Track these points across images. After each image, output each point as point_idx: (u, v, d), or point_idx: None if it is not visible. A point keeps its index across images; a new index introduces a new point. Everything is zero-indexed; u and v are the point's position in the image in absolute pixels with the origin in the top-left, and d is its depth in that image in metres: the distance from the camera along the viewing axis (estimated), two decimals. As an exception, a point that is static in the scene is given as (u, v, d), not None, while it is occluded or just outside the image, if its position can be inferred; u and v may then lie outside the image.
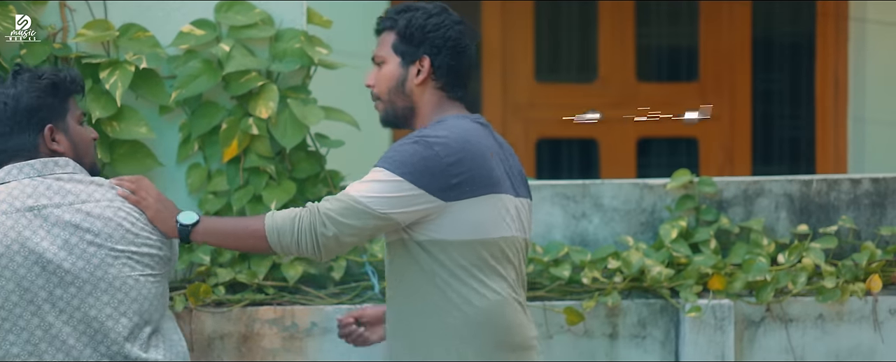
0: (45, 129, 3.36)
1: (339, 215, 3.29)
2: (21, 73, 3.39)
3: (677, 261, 4.40)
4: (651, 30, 7.54)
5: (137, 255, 3.33)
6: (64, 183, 3.33)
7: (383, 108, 3.52)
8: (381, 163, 3.33)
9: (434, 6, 3.51)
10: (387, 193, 3.29)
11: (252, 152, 4.26)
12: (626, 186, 4.53)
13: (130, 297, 3.32)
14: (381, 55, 3.51)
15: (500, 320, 3.38)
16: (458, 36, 3.47)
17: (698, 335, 4.30)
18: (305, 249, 3.30)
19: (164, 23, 4.24)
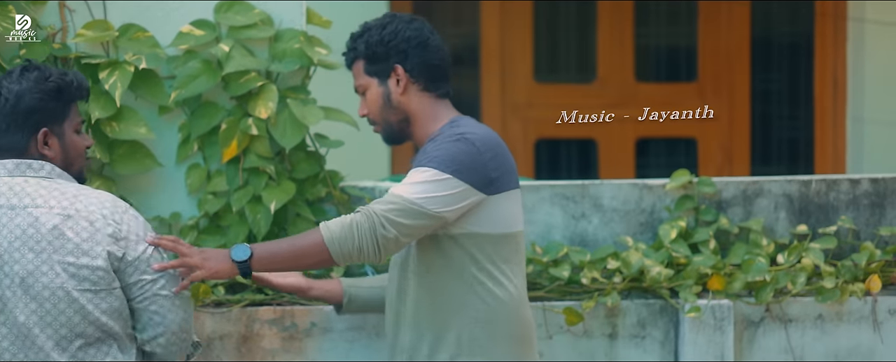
0: (39, 133, 3.35)
1: (398, 216, 3.34)
2: (29, 71, 3.36)
3: (677, 261, 4.40)
4: (650, 30, 7.54)
5: (74, 267, 3.30)
6: (27, 185, 3.33)
7: (382, 129, 3.62)
8: (428, 163, 3.39)
9: (382, 18, 3.61)
10: (439, 192, 3.36)
11: (251, 152, 4.25)
12: (625, 187, 4.53)
13: (59, 309, 3.31)
14: (361, 84, 3.61)
15: (518, 312, 3.50)
16: (416, 33, 3.56)
17: (698, 335, 4.31)
18: (367, 254, 3.35)
19: (164, 23, 4.24)
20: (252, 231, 4.24)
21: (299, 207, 4.32)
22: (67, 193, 3.33)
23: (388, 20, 3.60)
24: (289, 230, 4.33)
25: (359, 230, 3.35)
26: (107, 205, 3.33)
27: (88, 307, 3.30)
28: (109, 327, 3.32)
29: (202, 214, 4.27)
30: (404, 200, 3.36)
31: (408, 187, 3.38)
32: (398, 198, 3.37)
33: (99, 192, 3.37)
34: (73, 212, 3.30)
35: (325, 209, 4.38)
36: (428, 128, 3.57)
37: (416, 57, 3.55)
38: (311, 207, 4.35)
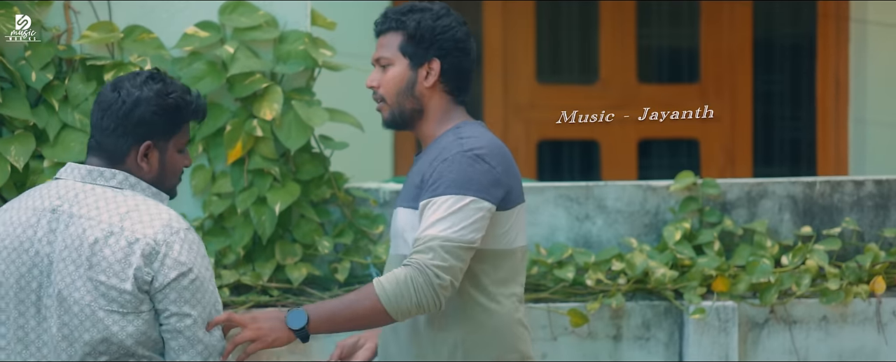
0: (142, 145, 3.25)
1: (446, 261, 3.21)
2: (154, 81, 3.25)
3: (681, 262, 4.40)
4: (652, 31, 7.54)
5: (105, 287, 3.23)
6: (92, 194, 3.27)
7: (389, 111, 3.44)
8: (448, 191, 3.26)
9: (440, 7, 3.45)
10: (469, 219, 3.24)
11: (256, 154, 4.26)
12: (629, 188, 4.53)
13: (85, 327, 3.27)
14: (387, 57, 3.43)
15: (512, 329, 3.36)
16: (464, 38, 3.42)
17: (702, 337, 4.31)
18: (427, 306, 3.23)
19: (169, 24, 4.24)
20: (257, 232, 4.24)
21: (304, 208, 4.32)
22: (123, 207, 3.23)
23: (446, 12, 3.42)
24: (293, 232, 4.33)
25: (415, 285, 3.21)
26: (156, 224, 3.18)
27: (113, 328, 3.23)
28: (134, 350, 3.25)
29: (207, 215, 4.27)
30: (444, 240, 3.22)
31: (440, 225, 3.23)
32: (437, 240, 3.22)
33: (160, 209, 3.21)
34: (117, 228, 3.21)
35: (330, 210, 4.38)
36: (434, 129, 3.45)
37: (455, 59, 3.40)
38: (316, 208, 4.35)
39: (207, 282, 3.20)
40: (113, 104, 3.24)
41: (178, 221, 3.21)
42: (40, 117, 4.13)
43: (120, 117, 3.24)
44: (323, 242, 4.29)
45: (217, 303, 3.23)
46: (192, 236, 3.20)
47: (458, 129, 3.42)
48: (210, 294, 3.20)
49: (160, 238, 3.16)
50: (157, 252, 3.16)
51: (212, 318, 3.20)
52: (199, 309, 3.18)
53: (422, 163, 3.42)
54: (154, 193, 3.27)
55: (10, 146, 4.07)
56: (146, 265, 3.16)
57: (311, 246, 4.31)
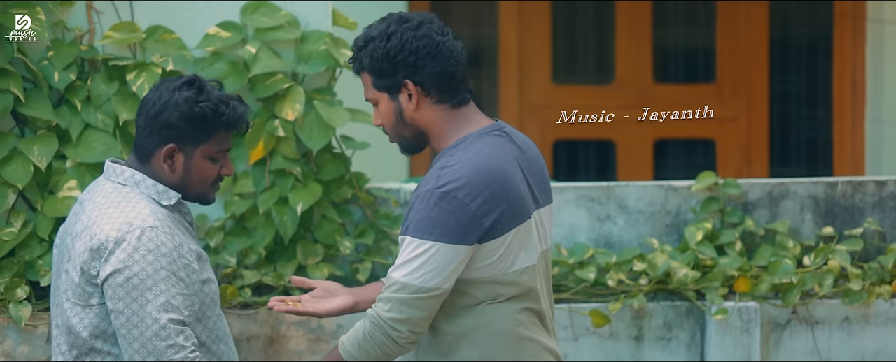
0: (166, 147, 3.30)
1: (402, 314, 3.11)
2: (189, 87, 3.28)
3: (703, 263, 4.39)
4: (668, 31, 7.53)
5: (67, 278, 3.31)
6: (100, 189, 3.34)
7: (397, 142, 3.32)
8: (411, 232, 3.11)
9: (388, 23, 3.23)
10: (430, 266, 3.09)
11: (278, 154, 4.26)
12: (650, 188, 4.52)
13: (60, 317, 3.35)
14: (371, 97, 3.29)
15: (518, 344, 3.23)
16: (425, 42, 3.19)
17: (724, 337, 4.30)
18: (393, 354, 3.16)
19: (191, 25, 4.24)
20: (278, 232, 4.24)
21: (325, 209, 4.32)
22: (108, 204, 3.30)
23: (393, 29, 3.20)
24: (314, 232, 4.33)
25: (375, 341, 3.15)
26: (117, 221, 3.23)
27: (73, 320, 3.30)
28: (92, 344, 3.31)
29: (229, 216, 4.27)
30: (402, 288, 3.10)
31: (403, 269, 3.11)
32: (396, 286, 3.11)
33: (136, 208, 3.26)
34: (92, 223, 3.27)
35: (351, 210, 4.38)
36: (443, 142, 3.27)
37: (426, 69, 3.18)
38: (337, 209, 4.35)
39: (149, 282, 3.19)
40: (147, 104, 3.30)
41: (142, 220, 3.24)
42: (63, 117, 4.13)
43: (150, 118, 3.29)
44: (344, 242, 4.29)
45: (159, 309, 3.18)
46: (148, 235, 3.21)
47: (450, 153, 3.23)
48: (151, 294, 3.19)
49: (112, 235, 3.22)
50: (105, 248, 3.23)
51: (148, 320, 3.18)
52: (135, 308, 3.20)
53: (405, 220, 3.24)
54: (158, 192, 3.31)
55: (32, 146, 4.08)
56: (93, 260, 3.23)
57: (332, 246, 4.31)
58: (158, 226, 3.22)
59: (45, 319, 4.04)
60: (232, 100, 3.32)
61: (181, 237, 3.28)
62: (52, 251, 4.07)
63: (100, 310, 3.26)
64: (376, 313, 3.15)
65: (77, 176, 4.11)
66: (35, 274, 4.09)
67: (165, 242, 3.21)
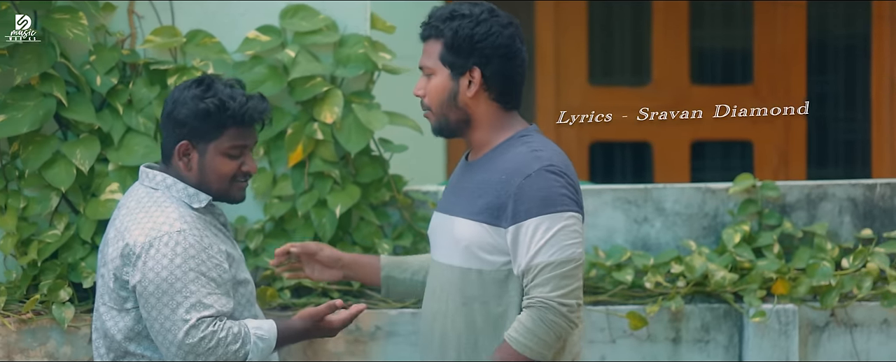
0: (179, 144, 3.36)
1: (565, 288, 3.20)
2: (198, 85, 3.35)
3: (740, 265, 4.39)
4: (705, 32, 7.52)
5: (102, 282, 3.37)
6: (133, 194, 3.40)
7: (436, 120, 3.35)
8: (542, 211, 3.19)
9: (482, 10, 3.28)
10: (570, 238, 3.20)
11: (317, 157, 4.28)
12: (687, 190, 4.52)
13: (98, 320, 3.41)
14: (429, 66, 3.33)
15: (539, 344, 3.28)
16: (508, 42, 3.27)
17: (762, 340, 4.30)
18: (565, 334, 3.22)
19: (231, 29, 4.27)
20: (317, 234, 4.26)
21: (364, 211, 4.34)
22: (139, 207, 3.34)
23: (487, 15, 3.26)
24: (353, 234, 4.35)
25: (547, 323, 3.19)
26: (146, 227, 3.28)
27: (109, 323, 3.35)
28: (126, 347, 3.35)
29: (268, 218, 4.30)
30: (556, 266, 3.18)
31: (546, 251, 3.18)
32: (548, 267, 3.19)
33: (163, 214, 3.30)
34: (123, 228, 3.32)
35: (389, 213, 4.40)
36: (489, 136, 3.34)
37: (498, 66, 3.26)
38: (375, 211, 4.37)
39: (178, 285, 3.23)
40: (165, 105, 3.37)
41: (170, 224, 3.27)
42: (105, 121, 4.17)
43: (165, 116, 3.38)
44: (382, 244, 4.31)
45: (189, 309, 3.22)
46: (176, 239, 3.25)
47: (525, 140, 3.31)
48: (181, 296, 3.23)
49: (141, 240, 3.26)
50: (134, 253, 3.27)
51: (180, 322, 3.23)
52: (167, 312, 3.24)
53: (487, 173, 3.30)
54: (189, 195, 3.35)
55: (75, 149, 4.12)
56: (124, 265, 3.28)
57: (370, 248, 4.34)
58: (186, 229, 3.26)
59: (87, 320, 4.09)
60: (240, 96, 3.34)
61: (211, 238, 3.31)
62: (94, 253, 4.13)
63: (135, 314, 3.31)
64: (541, 298, 3.19)
65: (119, 179, 4.15)
66: (77, 275, 4.14)
67: (193, 244, 3.25)
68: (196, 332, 3.20)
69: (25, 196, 4.18)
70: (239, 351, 3.23)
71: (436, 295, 3.39)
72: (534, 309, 3.20)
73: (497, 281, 3.28)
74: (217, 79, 3.37)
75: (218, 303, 3.24)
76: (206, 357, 3.20)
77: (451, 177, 3.51)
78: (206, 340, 3.20)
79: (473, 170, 3.37)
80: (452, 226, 3.34)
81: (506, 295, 3.28)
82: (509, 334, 3.21)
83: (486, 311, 3.29)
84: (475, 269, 3.28)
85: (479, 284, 3.29)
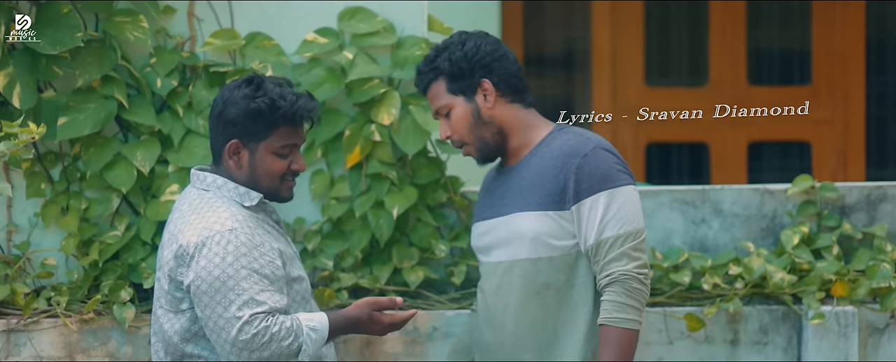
0: (229, 143, 3.39)
1: (639, 258, 3.40)
2: (248, 84, 3.39)
3: (799, 267, 4.36)
4: (763, 32, 7.48)
5: (159, 285, 3.41)
6: (186, 197, 3.43)
7: (476, 147, 3.54)
8: (601, 187, 3.38)
9: (457, 36, 3.55)
10: (634, 207, 3.40)
11: (374, 158, 4.30)
12: (746, 191, 4.51)
13: (156, 323, 3.45)
14: (443, 105, 3.54)
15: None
16: (495, 47, 3.51)
17: (822, 342, 4.27)
18: (646, 300, 3.43)
19: (289, 31, 4.30)
20: (374, 235, 4.28)
21: (421, 212, 4.36)
22: (191, 209, 3.37)
23: (465, 37, 3.55)
24: (410, 235, 4.37)
25: (635, 294, 3.39)
26: (199, 227, 3.32)
27: (166, 325, 3.38)
28: (182, 348, 3.37)
29: (325, 219, 4.33)
30: (625, 239, 3.38)
31: (613, 225, 3.37)
32: (618, 241, 3.38)
33: (214, 214, 3.34)
34: (177, 230, 3.35)
35: (446, 214, 4.41)
36: (526, 138, 3.52)
37: (500, 69, 3.50)
38: (432, 212, 4.39)
39: (231, 283, 3.26)
40: (213, 105, 3.40)
41: (221, 224, 3.31)
42: (165, 123, 4.21)
43: (214, 117, 3.40)
44: (439, 246, 4.33)
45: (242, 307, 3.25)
46: (228, 238, 3.29)
47: (566, 130, 3.50)
48: (234, 294, 3.25)
49: (193, 241, 3.29)
50: (187, 254, 3.30)
51: (234, 320, 3.25)
52: (220, 310, 3.26)
53: (538, 166, 3.44)
54: (240, 194, 3.38)
55: (136, 151, 4.17)
56: (178, 266, 3.31)
57: (427, 249, 4.35)
58: (238, 227, 3.30)
59: (147, 321, 4.13)
60: (290, 95, 3.38)
61: (263, 236, 3.34)
62: (153, 254, 4.18)
63: (190, 315, 3.34)
64: (620, 272, 3.38)
65: (179, 180, 4.19)
66: (138, 276, 4.18)
67: (245, 242, 3.28)
68: (249, 328, 3.23)
69: (87, 197, 4.23)
70: (292, 344, 3.27)
71: (499, 293, 3.52)
72: (617, 283, 3.38)
73: (567, 264, 3.45)
74: (266, 78, 3.41)
75: (271, 300, 3.27)
76: (259, 352, 3.23)
77: (485, 188, 3.69)
78: (259, 336, 3.23)
79: (518, 171, 3.53)
80: (511, 224, 3.48)
81: (576, 276, 3.45)
82: (605, 318, 3.38)
83: (559, 296, 3.46)
84: (545, 257, 3.44)
85: (550, 271, 3.45)
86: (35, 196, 4.23)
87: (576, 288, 3.46)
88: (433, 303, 4.32)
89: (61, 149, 4.25)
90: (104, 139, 4.21)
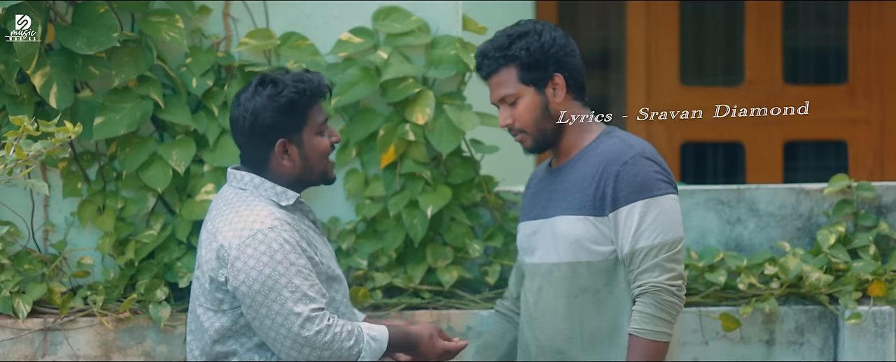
0: (276, 146, 3.40)
1: (673, 271, 3.37)
2: (263, 86, 3.39)
3: (836, 267, 4.34)
4: (798, 31, 7.44)
5: (198, 284, 3.41)
6: (223, 196, 3.44)
7: (532, 139, 3.52)
8: (638, 196, 3.36)
9: (528, 25, 3.50)
10: (672, 217, 3.37)
11: (408, 158, 4.31)
12: (781, 191, 4.48)
13: (194, 323, 3.45)
14: (511, 93, 3.50)
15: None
16: (568, 41, 3.50)
17: (858, 342, 4.25)
18: (678, 313, 3.39)
19: (324, 31, 4.31)
20: (409, 235, 4.29)
21: (455, 212, 4.36)
22: (229, 208, 3.38)
23: (540, 28, 3.51)
24: (444, 235, 4.37)
25: (666, 306, 3.36)
26: (238, 227, 3.31)
27: (205, 324, 3.38)
28: (218, 348, 3.38)
29: (360, 219, 4.33)
30: (659, 249, 3.35)
31: (648, 234, 3.35)
32: (652, 251, 3.35)
33: (253, 213, 3.34)
34: (215, 230, 3.36)
35: (480, 213, 4.41)
36: (578, 138, 3.52)
37: (570, 65, 3.49)
38: (467, 212, 4.39)
39: (283, 281, 3.26)
40: (237, 121, 3.40)
41: (261, 222, 3.31)
42: (200, 123, 4.23)
43: (247, 131, 3.39)
44: (473, 245, 4.33)
45: (298, 302, 3.25)
46: (270, 236, 3.28)
47: (613, 135, 3.49)
48: (287, 291, 3.26)
49: (234, 242, 3.30)
50: (228, 254, 3.30)
51: (292, 316, 3.26)
52: (276, 308, 3.26)
53: (582, 170, 3.44)
54: (277, 193, 3.39)
55: (171, 151, 4.19)
56: (220, 267, 3.31)
57: (461, 249, 4.35)
58: (278, 225, 3.31)
59: (183, 320, 4.15)
60: (304, 75, 3.42)
61: (301, 233, 3.35)
62: (189, 253, 4.19)
63: (232, 315, 3.35)
64: (652, 283, 3.35)
65: (214, 179, 4.21)
66: (173, 275, 4.20)
67: (288, 239, 3.29)
68: (311, 325, 3.24)
69: (123, 197, 4.25)
70: (353, 348, 3.28)
71: (540, 294, 3.53)
72: (648, 294, 3.35)
73: (605, 270, 3.44)
74: (269, 73, 3.43)
75: (320, 296, 3.30)
76: (321, 351, 3.24)
77: (532, 185, 3.67)
78: (322, 333, 3.24)
79: (564, 173, 3.53)
80: (554, 226, 3.49)
81: (615, 282, 3.43)
82: (634, 328, 3.36)
83: (598, 300, 3.44)
84: (584, 262, 3.43)
85: (588, 275, 3.45)
86: (71, 195, 4.25)
87: (614, 293, 3.45)
88: (467, 303, 4.32)
89: (97, 148, 4.27)
90: (140, 139, 4.24)
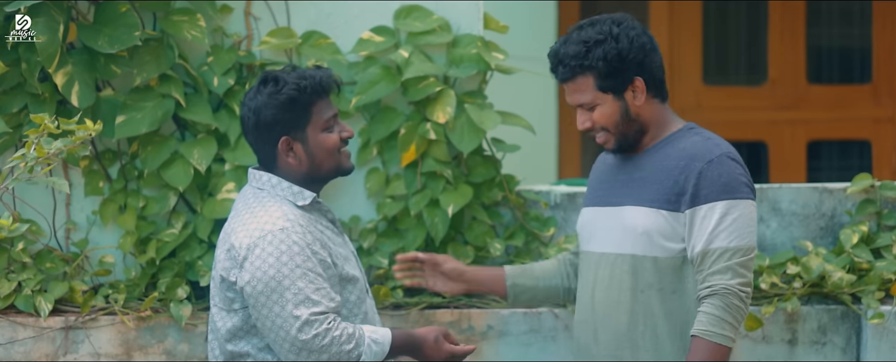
0: (279, 143, 3.39)
1: (745, 277, 3.30)
2: (265, 84, 3.39)
3: (858, 266, 4.32)
4: (822, 31, 7.41)
5: (214, 283, 3.42)
6: (242, 196, 3.44)
7: (616, 140, 3.39)
8: (719, 196, 3.28)
9: (605, 26, 3.33)
10: (747, 225, 3.30)
11: (429, 157, 4.30)
12: (804, 190, 4.46)
13: (211, 320, 3.45)
14: (588, 101, 3.36)
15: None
16: (648, 40, 3.35)
17: (881, 341, 4.23)
18: (744, 318, 3.33)
19: (345, 30, 4.32)
20: (430, 233, 4.28)
21: (476, 211, 4.35)
22: (245, 208, 3.38)
23: (617, 31, 3.32)
24: (465, 234, 4.37)
25: (734, 310, 3.28)
26: (251, 227, 3.31)
27: (219, 323, 3.40)
28: (230, 347, 3.39)
29: (381, 217, 4.33)
30: (734, 253, 3.27)
31: (724, 236, 3.26)
32: (726, 254, 3.27)
33: (267, 214, 3.33)
34: (230, 230, 3.37)
35: (501, 212, 4.40)
36: (657, 134, 3.40)
37: (650, 65, 3.33)
38: (488, 211, 4.38)
39: (286, 283, 3.25)
40: (244, 122, 3.41)
41: (273, 223, 3.30)
42: (222, 121, 4.24)
43: (251, 129, 3.40)
44: (494, 244, 4.32)
45: (298, 306, 3.24)
46: (280, 237, 3.27)
47: (696, 131, 3.41)
48: (289, 293, 3.25)
49: (245, 242, 3.29)
50: (239, 254, 3.30)
51: (291, 319, 3.25)
52: (277, 310, 3.27)
53: (661, 162, 3.34)
54: (294, 193, 3.38)
55: (192, 149, 4.20)
56: (232, 267, 3.31)
57: (482, 247, 4.35)
58: (289, 226, 3.30)
59: (203, 318, 4.16)
60: (307, 72, 3.39)
61: (316, 235, 3.34)
62: (210, 252, 4.20)
63: (242, 315, 3.35)
64: (723, 285, 3.27)
65: (235, 178, 4.22)
66: (194, 274, 4.21)
67: (297, 241, 3.28)
68: (309, 329, 3.23)
69: (144, 195, 4.26)
70: (353, 351, 3.26)
71: (601, 286, 3.43)
72: (717, 296, 3.27)
73: (672, 268, 3.35)
74: (272, 71, 3.43)
75: (325, 299, 3.27)
76: (319, 354, 3.23)
77: (600, 172, 3.55)
78: (319, 337, 3.23)
79: (637, 163, 3.42)
80: (622, 216, 3.39)
81: (681, 281, 3.35)
82: (698, 329, 3.27)
83: (662, 298, 3.36)
84: (650, 257, 3.34)
85: (653, 272, 3.35)
86: (93, 194, 4.27)
87: (678, 292, 3.35)
88: (488, 302, 4.32)
89: (119, 147, 4.29)
90: (161, 137, 4.25)
